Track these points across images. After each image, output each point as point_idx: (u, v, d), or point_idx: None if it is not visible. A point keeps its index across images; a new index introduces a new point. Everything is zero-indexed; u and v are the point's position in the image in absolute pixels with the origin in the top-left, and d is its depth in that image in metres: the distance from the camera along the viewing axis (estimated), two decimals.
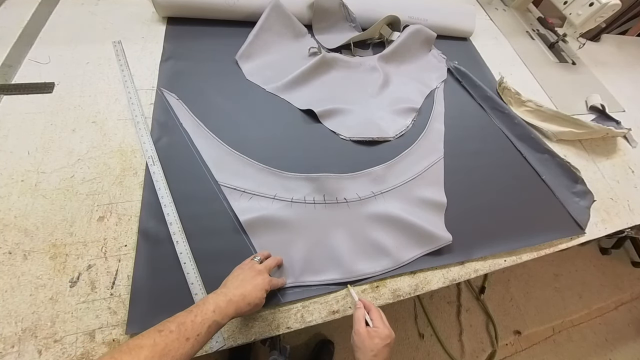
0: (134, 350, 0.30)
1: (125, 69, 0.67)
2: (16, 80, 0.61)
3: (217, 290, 0.41)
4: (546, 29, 1.19)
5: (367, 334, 0.42)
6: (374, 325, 0.44)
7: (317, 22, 0.85)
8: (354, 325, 0.44)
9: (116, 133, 0.59)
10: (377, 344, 0.41)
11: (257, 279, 0.42)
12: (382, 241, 0.58)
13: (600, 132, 0.85)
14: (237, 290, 0.40)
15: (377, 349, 0.41)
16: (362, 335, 0.42)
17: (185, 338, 0.33)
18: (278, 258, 0.50)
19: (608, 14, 0.94)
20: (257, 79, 0.73)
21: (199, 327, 0.34)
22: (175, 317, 0.34)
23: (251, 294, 0.40)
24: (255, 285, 0.41)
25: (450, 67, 0.91)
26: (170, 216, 0.52)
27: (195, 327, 0.34)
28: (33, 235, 0.48)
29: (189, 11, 0.76)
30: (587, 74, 1.09)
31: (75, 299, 0.44)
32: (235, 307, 0.38)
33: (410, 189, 0.66)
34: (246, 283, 0.41)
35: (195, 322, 0.34)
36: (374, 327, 0.44)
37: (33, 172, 0.52)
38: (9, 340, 0.41)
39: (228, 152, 0.61)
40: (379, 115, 0.75)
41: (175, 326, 0.33)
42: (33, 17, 0.71)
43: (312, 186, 0.60)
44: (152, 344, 0.31)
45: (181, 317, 0.34)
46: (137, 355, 0.29)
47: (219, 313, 0.36)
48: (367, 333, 0.43)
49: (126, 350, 0.30)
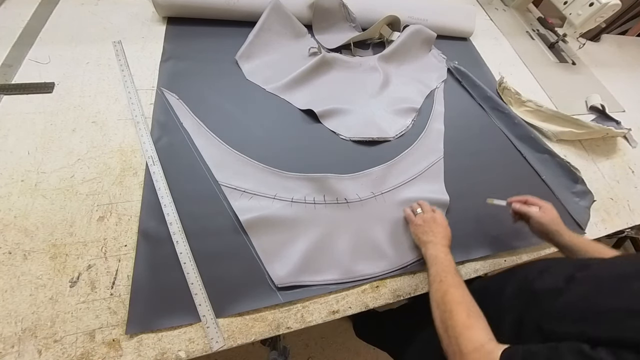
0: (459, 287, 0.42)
1: (125, 69, 0.67)
2: (16, 80, 0.61)
3: (426, 244, 0.52)
4: (546, 29, 1.19)
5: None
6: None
7: (317, 22, 0.85)
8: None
9: (116, 133, 0.59)
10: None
11: (433, 223, 0.54)
12: (382, 242, 0.58)
13: (600, 132, 0.85)
14: (435, 236, 0.51)
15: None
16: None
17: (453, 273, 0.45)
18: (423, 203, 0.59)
19: (608, 14, 0.94)
20: (257, 79, 0.73)
21: (451, 264, 0.47)
22: (435, 276, 0.45)
23: (442, 232, 0.53)
24: (437, 225, 0.53)
25: (450, 67, 0.91)
26: (170, 216, 0.52)
27: (450, 265, 0.47)
28: (33, 235, 0.47)
29: (189, 11, 0.76)
30: (587, 74, 1.09)
31: (75, 299, 0.44)
32: (447, 243, 0.52)
33: (410, 189, 0.66)
34: (434, 228, 0.53)
35: (447, 266, 0.46)
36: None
37: (33, 172, 0.52)
38: (9, 340, 0.41)
39: (228, 152, 0.61)
40: (379, 115, 0.75)
41: (444, 276, 0.44)
42: (33, 17, 0.71)
43: (312, 186, 0.60)
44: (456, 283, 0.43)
45: (439, 273, 0.45)
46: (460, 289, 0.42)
47: (446, 252, 0.49)
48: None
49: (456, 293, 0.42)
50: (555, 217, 0.53)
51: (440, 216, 0.56)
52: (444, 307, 0.40)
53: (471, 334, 0.36)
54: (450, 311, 0.39)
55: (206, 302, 0.47)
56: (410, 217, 0.57)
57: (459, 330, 0.36)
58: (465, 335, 0.36)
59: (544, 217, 0.53)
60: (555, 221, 0.53)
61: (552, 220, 0.53)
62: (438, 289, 0.43)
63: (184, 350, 0.44)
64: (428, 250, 0.50)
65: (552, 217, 0.53)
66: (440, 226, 0.53)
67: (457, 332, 0.36)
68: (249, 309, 0.48)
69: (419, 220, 0.55)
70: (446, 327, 0.38)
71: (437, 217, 0.55)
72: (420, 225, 0.54)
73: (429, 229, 0.53)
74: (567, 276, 0.37)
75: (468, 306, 0.39)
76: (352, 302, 0.53)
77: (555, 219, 0.53)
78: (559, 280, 0.38)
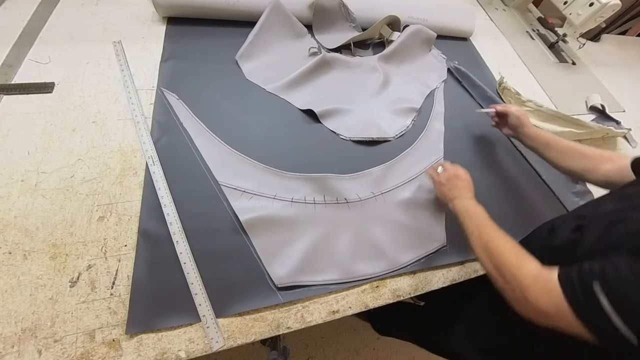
0: (497, 232, 0.45)
1: (126, 68, 0.67)
2: (16, 80, 0.61)
3: (452, 201, 0.54)
4: (546, 29, 1.19)
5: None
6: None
7: (317, 22, 0.85)
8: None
9: (116, 133, 0.59)
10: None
11: (455, 179, 0.57)
12: (381, 243, 0.58)
13: (600, 132, 0.85)
14: (460, 191, 0.54)
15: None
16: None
17: (487, 220, 0.48)
18: (443, 163, 0.62)
19: (608, 14, 0.94)
20: (257, 79, 0.73)
21: (483, 212, 0.50)
22: (473, 228, 0.48)
23: (466, 185, 0.56)
24: (460, 180, 0.56)
25: (450, 67, 0.91)
26: (170, 216, 0.52)
27: (483, 213, 0.49)
28: (33, 235, 0.47)
29: (189, 11, 0.76)
30: (587, 74, 1.09)
31: (75, 299, 0.44)
32: (472, 194, 0.55)
33: (410, 189, 0.66)
34: (458, 183, 0.56)
35: (480, 216, 0.49)
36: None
37: (33, 172, 0.52)
38: (9, 340, 0.41)
39: (228, 151, 0.61)
40: (379, 115, 0.75)
41: (481, 226, 0.47)
42: (33, 17, 0.71)
43: (312, 186, 0.60)
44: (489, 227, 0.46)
45: (475, 224, 0.48)
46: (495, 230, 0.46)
47: (475, 203, 0.52)
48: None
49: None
50: (525, 114, 0.68)
51: (462, 170, 0.58)
52: (491, 254, 0.43)
53: (525, 269, 0.39)
54: (498, 256, 0.42)
55: (206, 302, 0.47)
56: (433, 178, 0.60)
57: (514, 271, 0.39)
58: (521, 273, 0.39)
59: (519, 110, 0.67)
60: (525, 116, 0.67)
61: (525, 114, 0.67)
62: (479, 240, 0.46)
63: (184, 350, 0.44)
64: (456, 205, 0.53)
65: (523, 114, 0.67)
66: (463, 180, 0.56)
67: (513, 273, 0.39)
68: (249, 309, 0.48)
69: (443, 179, 0.58)
70: (500, 272, 0.41)
71: (459, 172, 0.58)
72: (445, 184, 0.57)
73: (453, 186, 0.56)
74: (572, 228, 0.43)
75: (512, 246, 0.43)
76: (352, 302, 0.53)
77: (525, 115, 0.67)
78: (568, 233, 0.43)
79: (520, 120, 0.66)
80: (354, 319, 1.21)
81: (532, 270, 0.38)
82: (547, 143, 0.62)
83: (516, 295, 0.38)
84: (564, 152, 0.60)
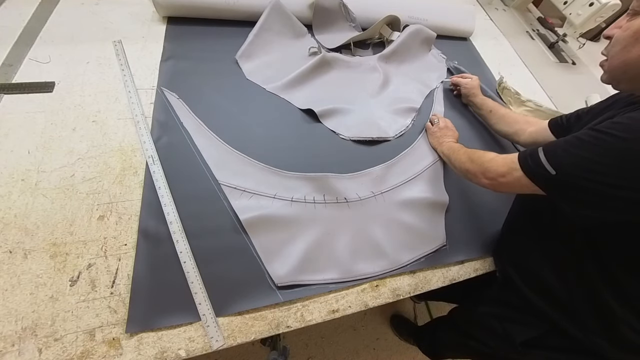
0: (474, 149, 0.58)
1: (126, 68, 0.67)
2: (17, 80, 0.61)
3: (441, 143, 0.69)
4: (546, 29, 1.19)
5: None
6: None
7: (317, 22, 0.85)
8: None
9: (116, 132, 0.59)
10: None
11: (445, 129, 0.72)
12: (381, 242, 0.58)
13: None
14: (448, 137, 0.69)
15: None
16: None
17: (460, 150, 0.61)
18: (437, 115, 0.77)
19: (608, 14, 0.94)
20: (257, 79, 0.73)
21: (462, 146, 0.63)
22: (455, 151, 0.61)
23: (453, 133, 0.71)
24: (448, 129, 0.71)
25: (450, 67, 0.91)
26: (170, 215, 0.52)
27: (462, 146, 0.63)
28: (33, 234, 0.48)
29: (189, 11, 0.76)
30: (587, 74, 1.09)
31: (76, 298, 0.44)
32: (456, 140, 0.70)
33: (410, 189, 0.66)
34: (446, 132, 0.71)
35: (460, 147, 0.63)
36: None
37: (33, 171, 0.52)
38: (9, 339, 0.41)
39: (228, 151, 0.61)
40: (379, 115, 0.75)
41: (460, 149, 0.61)
42: (33, 17, 0.72)
43: (312, 186, 0.61)
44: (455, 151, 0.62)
45: (456, 149, 0.62)
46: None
47: (458, 144, 0.67)
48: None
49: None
50: (477, 86, 0.80)
51: (449, 123, 0.73)
52: (470, 159, 0.55)
53: (491, 154, 0.51)
54: (473, 154, 0.55)
55: (206, 301, 0.47)
56: (429, 128, 0.74)
57: (482, 157, 0.52)
58: (487, 155, 0.52)
59: (469, 82, 0.80)
60: (476, 87, 0.79)
61: (474, 86, 0.79)
62: (459, 156, 0.59)
63: (184, 349, 0.44)
64: (444, 145, 0.67)
65: (475, 85, 0.79)
66: (450, 129, 0.71)
67: (481, 157, 0.52)
68: (249, 308, 0.48)
69: (436, 129, 0.72)
70: (472, 160, 0.54)
71: (448, 124, 0.73)
72: (437, 133, 0.72)
73: (444, 134, 0.70)
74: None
75: (485, 151, 0.54)
76: (352, 301, 0.53)
77: (476, 86, 0.79)
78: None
79: (469, 90, 0.80)
80: (354, 319, 1.21)
81: (496, 154, 0.51)
82: (489, 110, 0.75)
83: (481, 169, 0.51)
84: (501, 118, 0.73)
